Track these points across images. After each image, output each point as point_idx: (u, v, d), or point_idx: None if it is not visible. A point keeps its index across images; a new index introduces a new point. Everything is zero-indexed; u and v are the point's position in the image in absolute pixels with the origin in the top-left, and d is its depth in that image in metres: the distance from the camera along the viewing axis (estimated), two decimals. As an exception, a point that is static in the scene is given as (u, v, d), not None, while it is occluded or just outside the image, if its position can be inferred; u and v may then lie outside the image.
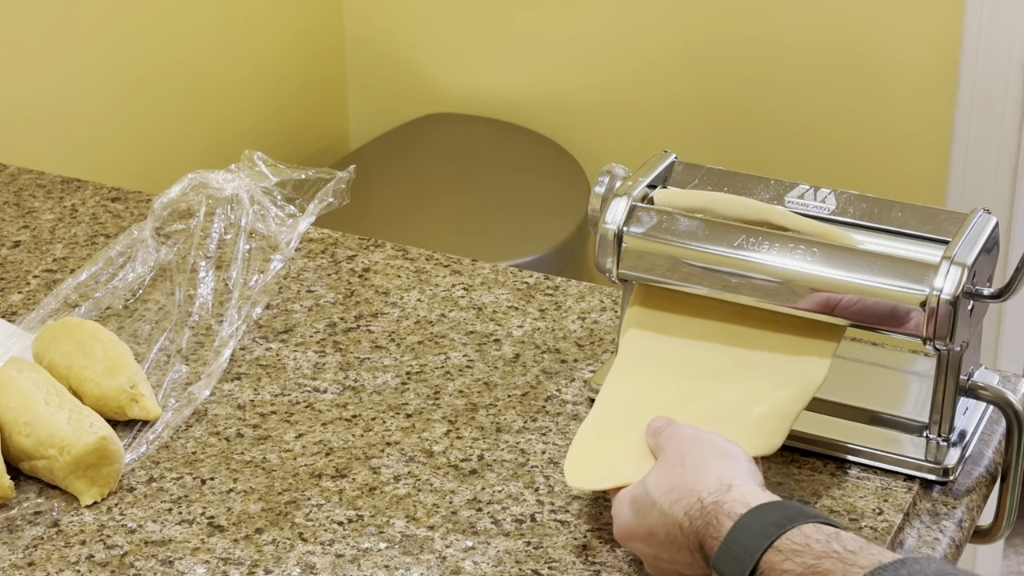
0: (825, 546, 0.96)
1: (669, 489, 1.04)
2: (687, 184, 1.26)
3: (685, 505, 1.03)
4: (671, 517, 1.03)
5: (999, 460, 1.23)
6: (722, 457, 1.06)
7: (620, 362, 1.20)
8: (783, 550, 0.97)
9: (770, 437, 1.13)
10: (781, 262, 1.17)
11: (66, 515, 1.16)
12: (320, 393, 1.29)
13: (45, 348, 1.28)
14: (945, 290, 1.12)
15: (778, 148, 2.34)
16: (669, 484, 1.05)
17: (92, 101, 2.05)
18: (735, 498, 1.01)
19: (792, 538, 0.97)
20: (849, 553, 0.95)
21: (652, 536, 1.05)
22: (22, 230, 1.53)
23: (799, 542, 0.97)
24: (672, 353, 1.20)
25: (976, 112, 2.21)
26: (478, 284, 1.43)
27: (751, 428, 1.13)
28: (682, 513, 1.03)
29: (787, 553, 0.96)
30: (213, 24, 2.25)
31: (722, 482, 1.03)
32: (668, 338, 1.21)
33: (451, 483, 1.18)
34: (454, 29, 2.49)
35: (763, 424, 1.13)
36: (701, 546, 1.01)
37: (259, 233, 1.45)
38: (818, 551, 0.96)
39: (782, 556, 0.97)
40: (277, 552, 1.12)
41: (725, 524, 1.00)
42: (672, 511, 1.03)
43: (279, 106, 2.42)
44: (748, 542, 0.98)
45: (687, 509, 1.02)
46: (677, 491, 1.04)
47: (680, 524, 1.03)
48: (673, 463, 1.06)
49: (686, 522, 1.02)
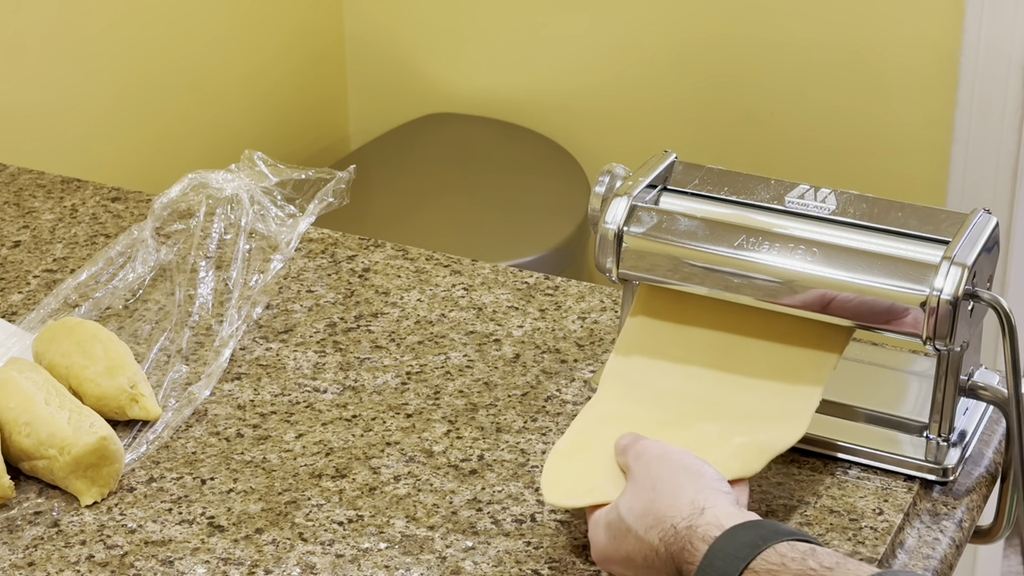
0: (801, 564, 0.95)
1: (643, 515, 1.04)
2: (687, 184, 1.26)
3: (659, 531, 1.02)
4: (647, 543, 1.03)
5: (999, 460, 1.23)
6: (693, 478, 1.05)
7: (603, 393, 1.20)
8: (759, 571, 0.96)
9: (749, 462, 1.12)
10: (781, 262, 1.17)
11: (66, 515, 1.16)
12: (320, 393, 1.28)
13: (45, 348, 1.28)
14: (945, 290, 1.12)
15: (778, 148, 2.34)
16: (642, 509, 1.04)
17: (92, 101, 2.05)
18: (709, 521, 1.00)
19: (767, 558, 0.96)
20: (825, 570, 0.95)
21: (630, 561, 1.04)
22: (22, 230, 1.53)
23: (774, 562, 0.96)
24: (658, 386, 1.19)
25: (976, 112, 2.21)
26: (478, 284, 1.43)
27: (730, 453, 1.12)
28: (657, 539, 1.02)
29: (763, 574, 0.96)
30: (213, 24, 2.25)
31: (695, 505, 1.02)
32: (657, 364, 1.20)
33: (451, 483, 1.18)
34: (454, 29, 2.49)
35: (742, 451, 1.13)
36: (679, 571, 1.01)
37: (259, 233, 1.46)
38: (794, 569, 0.95)
39: None
40: (277, 552, 1.12)
41: (700, 548, 0.99)
42: (647, 537, 1.03)
43: (279, 106, 2.42)
44: (723, 566, 0.97)
45: (662, 535, 1.02)
46: (651, 516, 1.03)
47: (656, 550, 1.02)
48: (644, 487, 1.05)
49: (662, 548, 1.02)
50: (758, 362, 1.19)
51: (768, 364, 1.19)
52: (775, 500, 1.15)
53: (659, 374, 1.20)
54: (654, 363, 1.21)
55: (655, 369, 1.20)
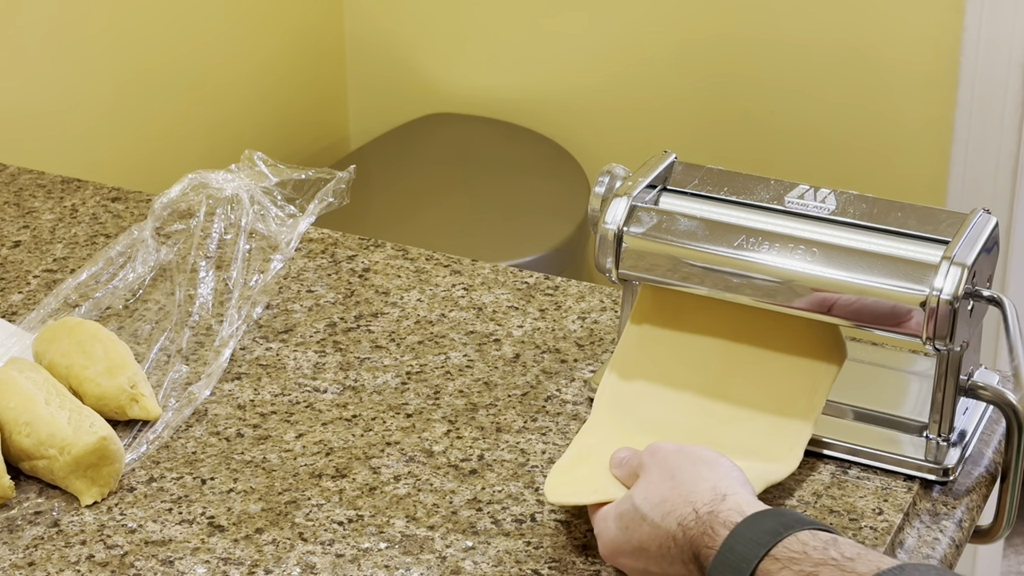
0: (822, 553, 0.95)
1: (660, 502, 1.03)
2: (687, 184, 1.26)
3: (679, 516, 1.02)
4: (663, 530, 1.02)
5: (999, 460, 1.23)
6: (712, 467, 1.05)
7: (598, 417, 1.19)
8: (780, 558, 0.96)
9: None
10: (781, 262, 1.17)
11: (66, 515, 1.16)
12: (320, 393, 1.29)
13: (45, 348, 1.28)
14: (945, 290, 1.12)
15: (778, 148, 2.34)
16: (660, 497, 1.04)
17: (92, 101, 2.05)
18: (730, 507, 1.00)
19: (789, 546, 0.96)
20: (847, 560, 0.95)
21: (642, 551, 1.04)
22: (22, 230, 1.53)
23: (796, 550, 0.96)
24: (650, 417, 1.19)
25: (976, 112, 2.21)
26: (478, 284, 1.43)
27: None
28: (675, 524, 1.02)
29: (784, 561, 0.96)
30: (213, 24, 2.25)
31: (716, 492, 1.02)
32: (650, 391, 1.20)
33: (451, 483, 1.18)
34: (454, 29, 2.49)
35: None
36: (696, 556, 1.00)
37: (259, 233, 1.46)
38: (815, 559, 0.95)
39: (779, 564, 0.96)
40: (277, 552, 1.12)
41: (720, 533, 0.99)
42: (664, 523, 1.02)
43: (279, 106, 2.42)
44: (744, 550, 0.97)
45: (681, 520, 1.01)
46: (669, 503, 1.03)
47: (673, 536, 1.02)
48: (662, 477, 1.05)
49: (680, 533, 1.01)
50: (752, 388, 1.19)
51: (762, 392, 1.18)
52: (775, 500, 1.15)
53: (651, 403, 1.20)
54: (647, 389, 1.21)
55: (648, 397, 1.20)
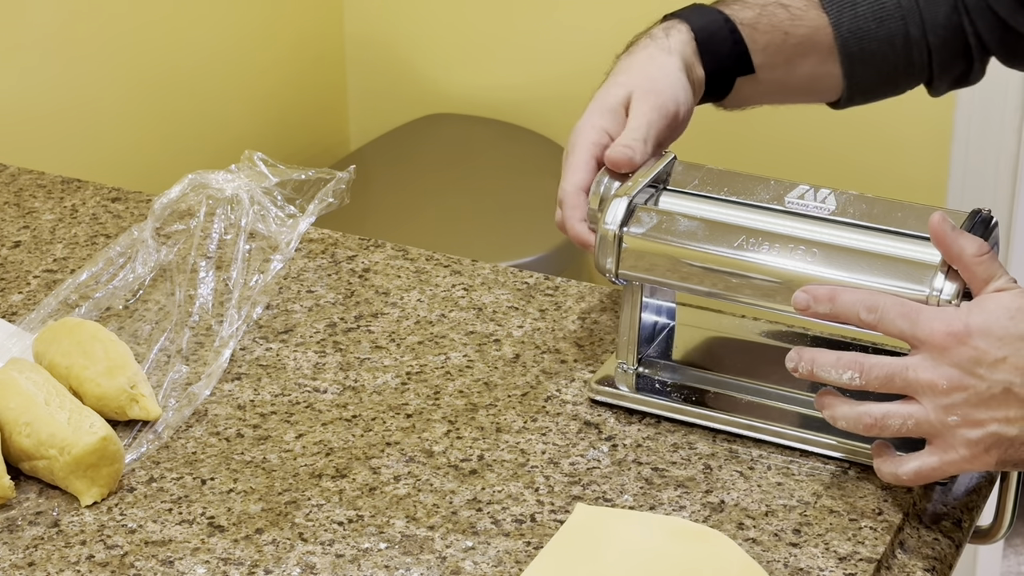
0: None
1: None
2: (687, 184, 1.26)
3: None
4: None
5: (999, 460, 1.23)
6: None
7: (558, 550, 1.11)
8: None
9: None
10: (781, 262, 1.17)
11: (66, 515, 1.16)
12: (320, 393, 1.29)
13: (45, 348, 1.28)
14: (945, 291, 1.12)
15: (778, 148, 2.34)
16: None
17: (92, 101, 2.05)
18: None
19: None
20: None
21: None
22: (22, 230, 1.53)
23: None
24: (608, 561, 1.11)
25: (976, 112, 2.21)
26: (478, 284, 1.43)
27: None
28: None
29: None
30: (214, 25, 2.25)
31: None
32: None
33: (451, 483, 1.18)
34: (454, 30, 2.49)
35: None
36: None
37: (259, 233, 1.46)
38: None
39: None
40: (277, 552, 1.12)
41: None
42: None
43: (279, 107, 2.42)
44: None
45: None
46: None
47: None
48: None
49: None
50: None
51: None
52: (775, 500, 1.15)
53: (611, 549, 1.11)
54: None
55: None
